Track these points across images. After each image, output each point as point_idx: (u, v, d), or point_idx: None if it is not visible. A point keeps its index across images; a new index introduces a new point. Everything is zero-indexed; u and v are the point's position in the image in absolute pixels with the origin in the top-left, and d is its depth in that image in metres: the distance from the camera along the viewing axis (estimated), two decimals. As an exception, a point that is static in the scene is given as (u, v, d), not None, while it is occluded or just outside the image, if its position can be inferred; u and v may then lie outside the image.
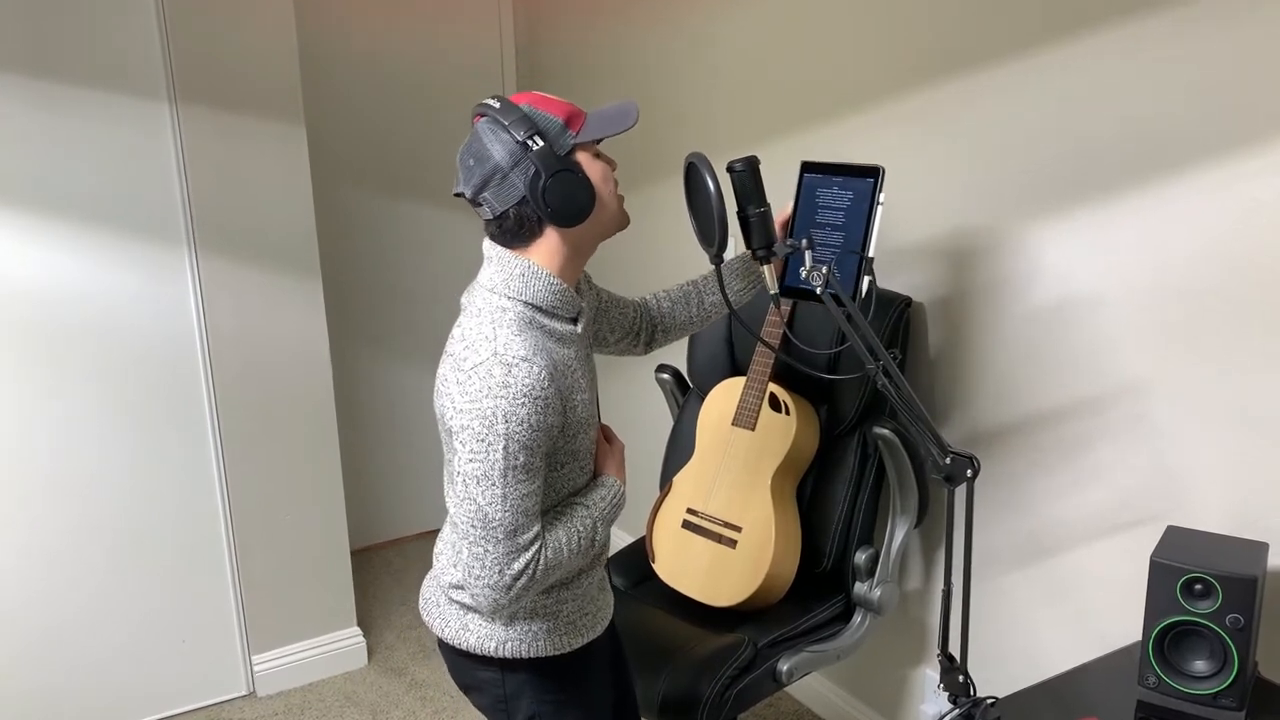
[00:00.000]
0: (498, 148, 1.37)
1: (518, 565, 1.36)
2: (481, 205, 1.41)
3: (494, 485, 1.34)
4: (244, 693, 2.85)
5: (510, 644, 1.49)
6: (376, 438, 3.62)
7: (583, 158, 1.41)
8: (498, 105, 1.39)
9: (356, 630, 2.99)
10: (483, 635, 1.50)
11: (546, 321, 1.43)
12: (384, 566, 3.57)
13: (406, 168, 3.48)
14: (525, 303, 1.41)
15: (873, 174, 1.59)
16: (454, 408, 1.37)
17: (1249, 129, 1.55)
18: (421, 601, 1.62)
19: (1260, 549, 1.51)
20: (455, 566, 1.52)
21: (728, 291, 1.75)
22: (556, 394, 1.37)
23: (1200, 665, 1.47)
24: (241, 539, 2.73)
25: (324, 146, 3.31)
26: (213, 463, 2.67)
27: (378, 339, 3.55)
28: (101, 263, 2.45)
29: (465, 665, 1.56)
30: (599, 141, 1.44)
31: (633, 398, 3.25)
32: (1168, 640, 1.49)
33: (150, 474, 2.60)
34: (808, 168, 1.68)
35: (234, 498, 2.70)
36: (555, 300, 1.43)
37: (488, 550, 1.36)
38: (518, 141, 1.36)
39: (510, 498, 1.35)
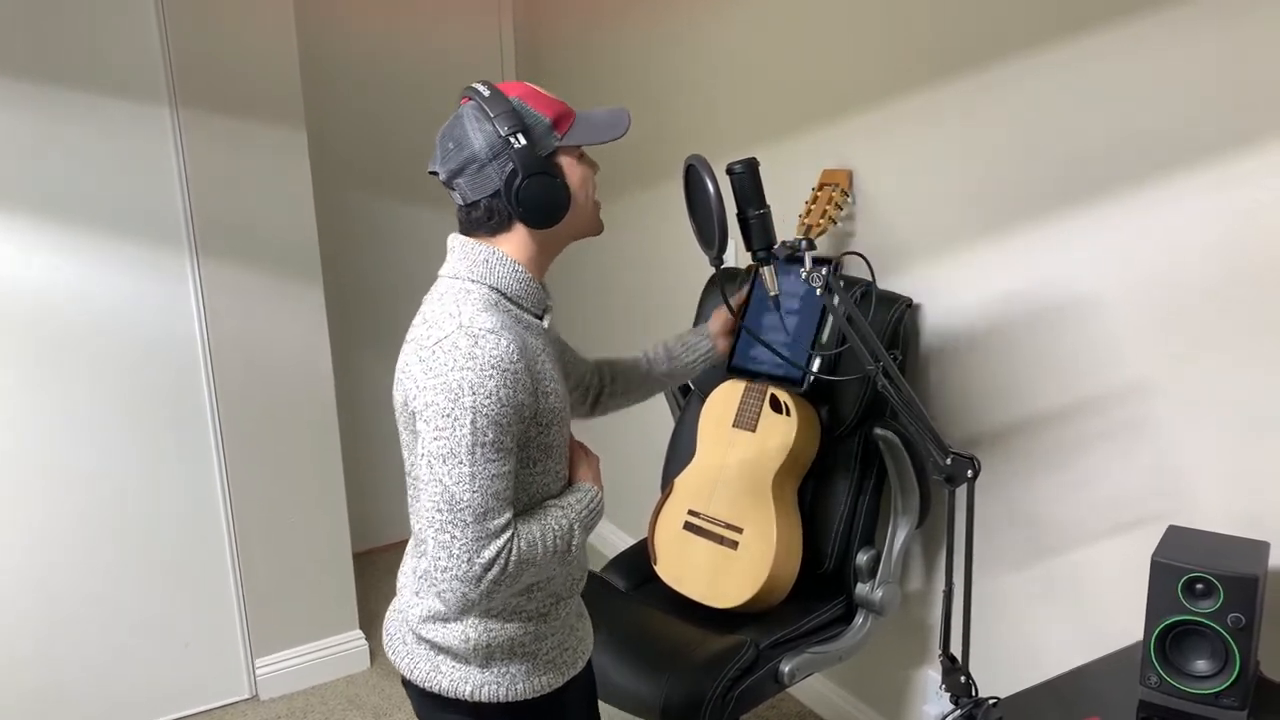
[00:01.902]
0: (479, 137, 1.33)
1: (488, 554, 1.27)
2: (454, 190, 1.38)
3: (461, 463, 1.26)
4: (246, 696, 2.86)
5: (487, 688, 1.40)
6: (379, 440, 3.62)
7: (565, 160, 1.38)
8: (487, 93, 1.35)
9: (359, 633, 2.99)
10: (456, 679, 1.41)
11: (512, 308, 1.38)
12: (386, 569, 3.58)
13: (408, 170, 3.48)
14: (490, 286, 1.37)
15: (827, 264, 1.61)
16: (417, 386, 1.30)
17: (1249, 129, 1.55)
18: (386, 637, 1.51)
19: (1261, 548, 1.51)
20: (419, 594, 1.44)
21: (671, 369, 1.83)
22: (526, 370, 1.30)
23: (1202, 665, 1.47)
24: (244, 542, 2.74)
25: (325, 149, 3.31)
26: (215, 466, 2.67)
27: (379, 341, 3.56)
28: (103, 268, 2.45)
29: (434, 708, 1.46)
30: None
31: (634, 399, 3.25)
32: (1169, 640, 1.49)
33: (152, 478, 2.61)
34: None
35: (236, 501, 2.70)
36: (520, 289, 1.39)
37: (454, 536, 1.26)
38: (500, 136, 1.32)
39: (479, 477, 1.27)
